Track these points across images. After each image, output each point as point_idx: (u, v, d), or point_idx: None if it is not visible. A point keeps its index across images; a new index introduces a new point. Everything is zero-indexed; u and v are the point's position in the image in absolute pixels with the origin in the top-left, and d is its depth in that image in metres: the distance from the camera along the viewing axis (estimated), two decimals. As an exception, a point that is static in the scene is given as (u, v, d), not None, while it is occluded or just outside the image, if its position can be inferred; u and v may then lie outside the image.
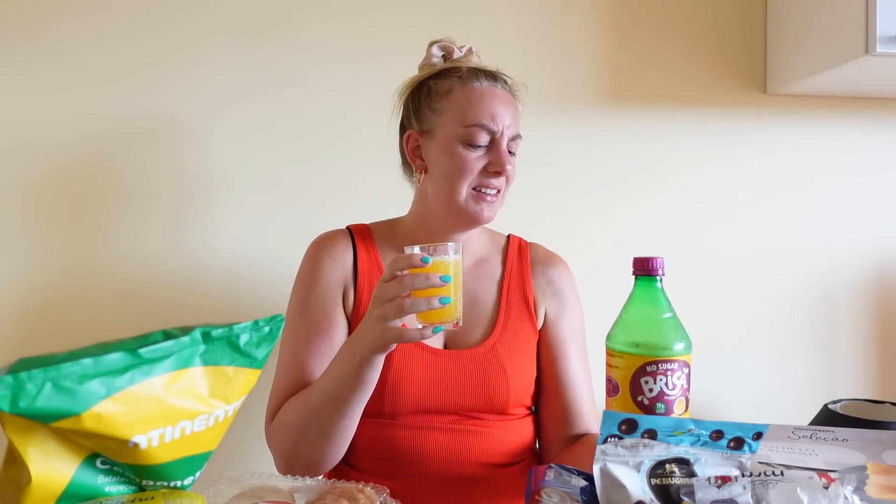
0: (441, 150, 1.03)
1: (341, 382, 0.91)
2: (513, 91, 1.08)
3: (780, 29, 1.57)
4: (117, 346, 0.58)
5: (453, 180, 1.01)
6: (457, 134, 1.01)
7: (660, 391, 0.76)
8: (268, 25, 1.46)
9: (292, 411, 0.98)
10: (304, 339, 1.04)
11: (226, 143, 1.45)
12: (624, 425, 0.72)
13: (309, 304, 1.06)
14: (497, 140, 1.01)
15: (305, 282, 1.08)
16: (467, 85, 1.03)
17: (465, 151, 1.01)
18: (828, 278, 1.66)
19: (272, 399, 1.05)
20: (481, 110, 1.01)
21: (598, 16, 1.57)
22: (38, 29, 1.39)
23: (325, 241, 1.10)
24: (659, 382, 0.76)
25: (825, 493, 0.66)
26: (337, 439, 0.95)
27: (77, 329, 1.39)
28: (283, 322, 0.69)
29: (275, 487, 0.71)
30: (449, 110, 1.03)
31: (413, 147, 1.08)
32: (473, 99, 1.02)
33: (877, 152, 1.67)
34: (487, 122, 1.00)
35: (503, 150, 1.01)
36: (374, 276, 1.07)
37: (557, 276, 1.13)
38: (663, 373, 0.76)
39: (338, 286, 1.06)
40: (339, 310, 1.06)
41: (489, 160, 1.01)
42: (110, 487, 0.61)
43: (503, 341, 1.05)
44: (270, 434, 1.02)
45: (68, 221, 1.40)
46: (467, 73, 1.04)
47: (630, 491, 0.69)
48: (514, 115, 1.04)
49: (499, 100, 1.03)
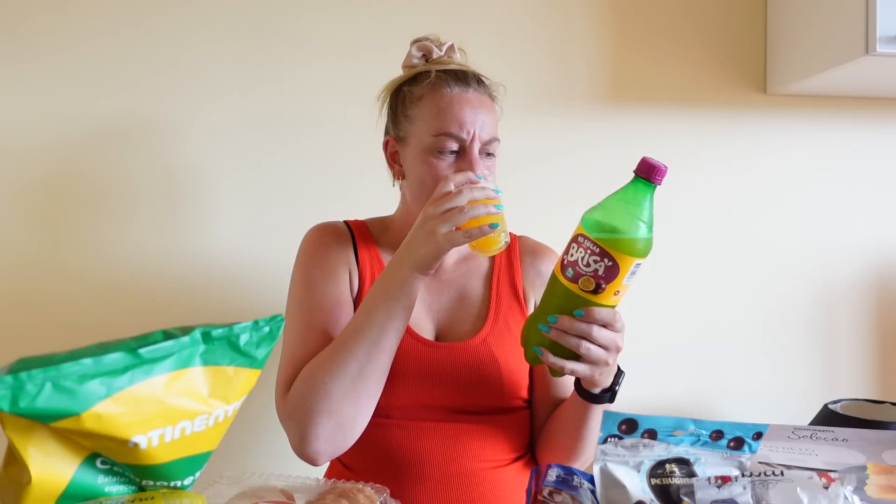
0: (414, 158, 1.03)
1: (381, 313, 0.91)
2: (489, 92, 1.07)
3: (780, 29, 1.57)
4: (117, 346, 0.58)
5: (425, 189, 1.00)
6: (426, 143, 1.00)
7: (575, 260, 0.80)
8: (261, 24, 1.46)
9: (320, 364, 0.93)
10: (317, 308, 1.02)
11: (225, 144, 1.45)
12: (624, 425, 0.72)
13: (320, 281, 1.04)
14: (467, 147, 1.00)
15: (312, 260, 1.06)
16: (437, 91, 1.02)
17: (434, 160, 1.00)
18: (827, 278, 1.66)
19: (284, 370, 1.01)
20: (449, 118, 0.99)
21: (599, 16, 1.57)
22: (28, 29, 1.39)
23: (326, 227, 1.10)
24: (577, 253, 0.80)
25: (825, 493, 0.66)
26: (374, 384, 0.93)
27: (77, 329, 1.39)
28: (283, 322, 0.69)
29: (275, 487, 0.71)
30: (420, 118, 1.02)
31: (392, 153, 1.08)
32: (442, 107, 1.00)
33: (877, 152, 1.67)
34: (455, 131, 0.99)
35: (473, 158, 1.00)
36: (376, 269, 1.07)
37: (546, 266, 1.13)
38: (586, 248, 0.79)
39: (345, 267, 1.05)
40: (346, 288, 1.04)
41: (458, 168, 1.00)
42: (110, 487, 0.61)
43: (495, 334, 1.05)
44: (287, 404, 0.96)
45: (68, 221, 1.40)
46: (436, 78, 1.03)
47: (630, 491, 0.69)
48: (487, 118, 1.02)
49: (469, 105, 1.01)
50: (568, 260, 0.81)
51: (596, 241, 0.78)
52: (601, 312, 0.81)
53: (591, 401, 0.94)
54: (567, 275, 0.81)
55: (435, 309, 1.08)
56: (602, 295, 0.80)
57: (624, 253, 0.77)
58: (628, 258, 0.78)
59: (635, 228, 0.78)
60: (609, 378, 0.91)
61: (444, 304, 1.08)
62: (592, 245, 0.78)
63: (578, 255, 0.79)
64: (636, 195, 0.79)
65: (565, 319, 0.82)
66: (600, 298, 0.80)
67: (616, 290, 0.80)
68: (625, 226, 0.77)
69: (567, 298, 0.81)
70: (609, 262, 0.77)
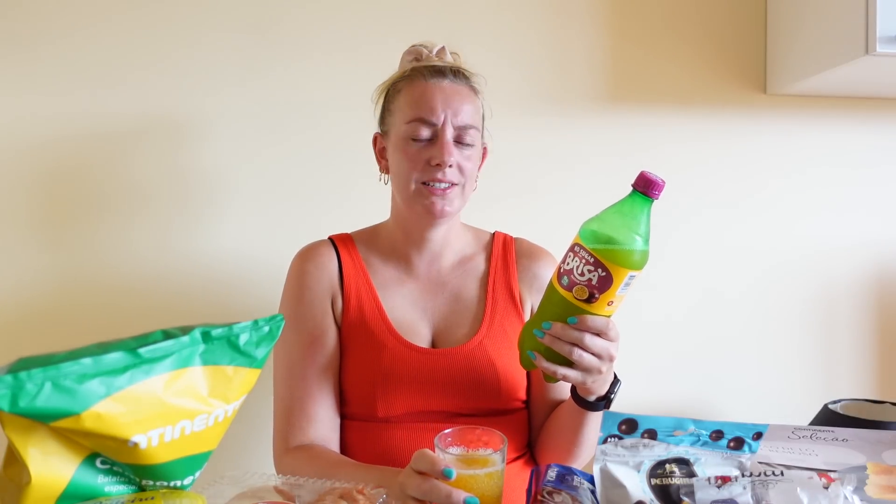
0: (393, 148, 1.06)
1: None
2: (469, 84, 1.08)
3: (780, 29, 1.57)
4: (117, 346, 0.58)
5: (401, 176, 1.03)
6: (402, 131, 1.03)
7: (570, 269, 0.80)
8: (266, 22, 1.46)
9: (308, 471, 0.92)
10: (299, 351, 1.05)
11: (224, 142, 1.44)
12: (624, 425, 0.72)
13: (300, 317, 1.06)
14: (438, 131, 1.01)
15: (293, 294, 1.08)
16: (413, 82, 1.05)
17: (408, 147, 1.02)
18: (827, 278, 1.66)
19: (278, 421, 1.05)
20: (422, 105, 1.02)
21: (599, 16, 1.57)
22: (31, 27, 1.38)
23: (308, 252, 1.11)
24: (573, 262, 0.80)
25: (825, 493, 0.66)
26: None
27: (77, 329, 1.39)
28: (283, 322, 0.69)
29: (275, 488, 0.71)
30: (398, 110, 1.05)
31: (380, 149, 1.11)
32: (416, 95, 1.03)
33: (877, 152, 1.67)
34: (426, 115, 1.01)
35: (444, 142, 1.01)
36: (361, 281, 1.08)
37: (543, 268, 1.13)
38: (581, 258, 0.79)
39: (326, 295, 1.07)
40: (329, 318, 1.06)
41: (429, 155, 1.01)
42: (110, 487, 0.61)
43: (491, 337, 1.05)
44: (282, 468, 1.02)
45: (67, 220, 1.40)
46: (414, 71, 1.05)
47: (630, 491, 0.69)
48: (462, 105, 1.03)
49: (442, 93, 1.03)
50: (564, 268, 0.82)
51: (591, 252, 0.79)
52: (594, 321, 0.82)
53: (586, 408, 0.95)
54: (562, 283, 0.82)
55: (431, 311, 1.08)
56: (595, 304, 0.80)
57: (618, 264, 0.78)
58: (622, 269, 0.78)
59: (631, 241, 0.78)
60: (604, 386, 0.92)
61: (440, 307, 1.09)
62: (588, 255, 0.79)
63: (574, 265, 0.80)
64: (633, 208, 0.79)
65: (558, 326, 0.82)
66: (594, 308, 0.81)
67: (609, 301, 0.81)
68: (620, 238, 0.78)
69: (562, 306, 0.82)
70: (603, 273, 0.78)
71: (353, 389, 1.04)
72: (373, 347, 1.03)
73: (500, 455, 0.76)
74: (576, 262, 0.80)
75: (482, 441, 0.79)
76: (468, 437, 0.80)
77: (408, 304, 1.08)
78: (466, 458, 0.77)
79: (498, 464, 0.75)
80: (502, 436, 0.78)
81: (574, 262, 0.80)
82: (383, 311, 1.06)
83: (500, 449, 0.76)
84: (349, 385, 1.05)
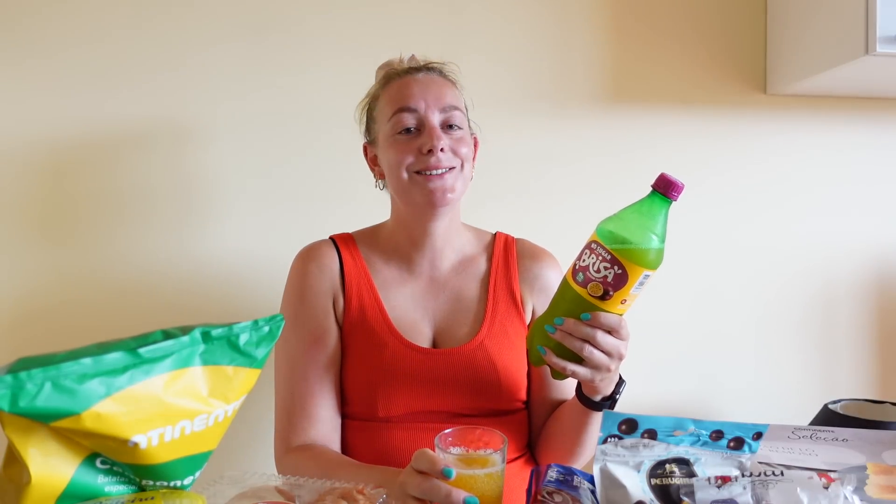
0: (382, 149, 1.07)
1: None
2: (442, 74, 1.10)
3: (780, 29, 1.57)
4: (117, 346, 0.58)
5: (394, 170, 1.03)
6: (387, 129, 1.04)
7: (586, 265, 0.81)
8: (271, 29, 1.46)
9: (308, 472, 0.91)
10: (301, 351, 1.05)
11: (226, 144, 1.44)
12: (624, 425, 0.72)
13: (301, 316, 1.06)
14: (423, 118, 1.02)
15: (295, 294, 1.08)
16: (389, 84, 1.07)
17: (396, 140, 1.03)
18: (827, 278, 1.66)
19: (279, 421, 1.06)
20: (401, 97, 1.04)
21: (598, 16, 1.57)
22: (36, 28, 1.38)
23: (310, 252, 1.11)
24: (589, 259, 0.81)
25: (825, 493, 0.66)
26: None
27: (77, 329, 1.39)
28: (283, 322, 0.69)
29: (275, 488, 0.71)
30: (380, 113, 1.07)
31: (371, 158, 1.12)
32: (393, 92, 1.05)
33: (877, 152, 1.67)
34: (407, 103, 1.02)
35: (431, 126, 1.02)
36: (362, 281, 1.08)
37: (544, 270, 1.13)
38: (598, 255, 0.80)
39: (327, 295, 1.07)
40: (330, 318, 1.06)
41: (421, 142, 1.02)
42: (110, 487, 0.61)
43: (491, 337, 1.05)
44: (283, 467, 1.02)
45: (68, 221, 1.40)
46: (385, 77, 1.08)
47: (630, 491, 0.69)
48: (441, 90, 1.05)
49: (418, 83, 1.05)
50: (580, 265, 0.82)
51: (608, 249, 0.79)
52: (607, 318, 0.82)
53: (590, 407, 0.95)
54: (577, 279, 0.82)
55: (432, 311, 1.08)
56: (609, 301, 0.81)
57: (634, 262, 0.79)
58: (638, 268, 0.79)
59: (647, 240, 0.79)
60: (610, 386, 0.92)
61: (441, 307, 1.09)
62: (604, 252, 0.79)
63: (590, 261, 0.81)
64: (651, 209, 0.80)
65: (571, 322, 0.82)
66: (607, 305, 0.81)
67: (623, 299, 0.81)
68: (637, 237, 0.79)
69: (575, 302, 0.82)
70: (619, 270, 0.79)
71: (354, 389, 1.04)
72: (374, 347, 1.03)
73: (501, 455, 0.76)
74: (592, 258, 0.80)
75: (482, 441, 0.79)
76: (468, 437, 0.80)
77: (409, 304, 1.08)
78: (467, 457, 0.77)
79: (498, 464, 0.75)
80: (502, 436, 0.78)
81: (590, 258, 0.81)
82: (384, 311, 1.06)
83: (501, 449, 0.76)
84: (350, 385, 1.05)
